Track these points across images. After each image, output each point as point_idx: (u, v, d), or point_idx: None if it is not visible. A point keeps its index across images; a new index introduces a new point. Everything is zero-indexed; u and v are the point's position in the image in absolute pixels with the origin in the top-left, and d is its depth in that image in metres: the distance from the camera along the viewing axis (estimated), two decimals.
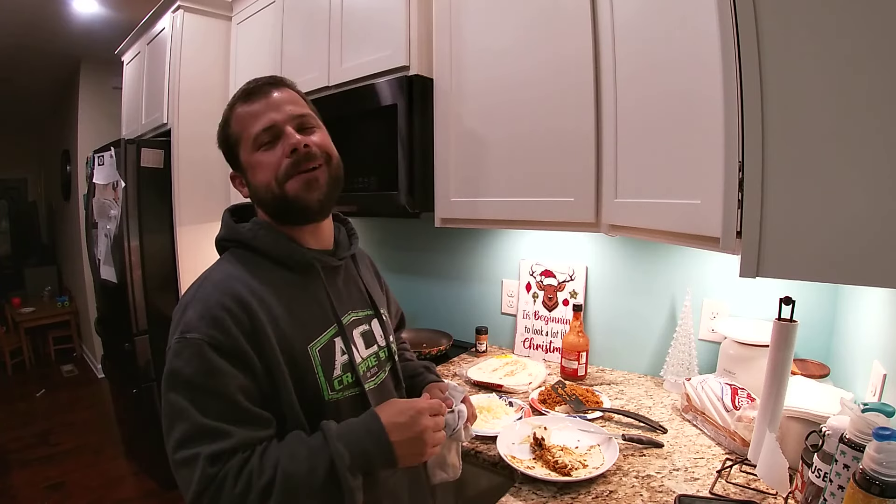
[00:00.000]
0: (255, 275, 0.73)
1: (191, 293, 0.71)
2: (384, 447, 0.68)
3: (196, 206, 2.33)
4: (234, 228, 0.78)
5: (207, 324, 0.65)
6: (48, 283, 5.20)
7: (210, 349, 0.64)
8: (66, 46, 3.51)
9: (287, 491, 0.62)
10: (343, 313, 0.81)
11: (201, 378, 0.64)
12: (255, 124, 0.75)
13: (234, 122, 0.77)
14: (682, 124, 0.89)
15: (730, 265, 1.30)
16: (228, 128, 0.78)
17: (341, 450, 0.65)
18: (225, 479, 0.61)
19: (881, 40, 0.57)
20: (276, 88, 0.78)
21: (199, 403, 0.63)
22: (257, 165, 0.75)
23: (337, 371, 0.76)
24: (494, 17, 1.32)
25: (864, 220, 0.59)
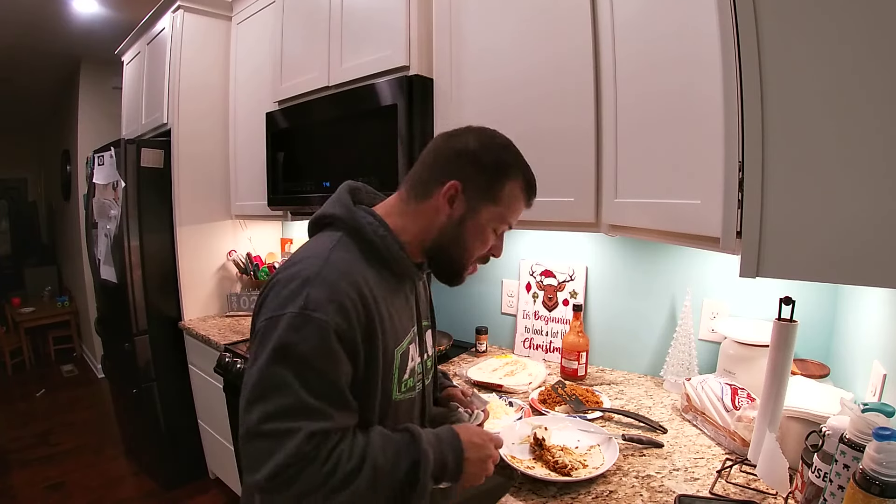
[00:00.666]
0: (367, 269, 0.74)
1: (309, 268, 0.69)
2: (459, 462, 0.74)
3: (196, 206, 2.33)
4: (356, 216, 0.77)
5: (336, 309, 0.66)
6: (48, 283, 5.20)
7: (333, 335, 0.65)
8: (66, 46, 3.51)
9: (370, 479, 0.65)
10: (420, 321, 0.87)
11: (317, 359, 0.64)
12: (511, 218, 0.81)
13: (508, 190, 0.79)
14: (682, 124, 0.89)
15: (730, 265, 1.30)
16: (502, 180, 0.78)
17: (428, 451, 0.69)
18: (316, 457, 0.62)
19: (881, 40, 0.57)
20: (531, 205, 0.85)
21: (307, 381, 0.64)
22: (481, 239, 0.80)
23: (406, 375, 0.81)
24: (494, 17, 1.32)
25: (863, 220, 0.59)
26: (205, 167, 2.34)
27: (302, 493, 0.62)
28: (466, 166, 0.77)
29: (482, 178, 0.77)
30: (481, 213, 0.78)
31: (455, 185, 0.77)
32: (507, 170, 0.79)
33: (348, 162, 1.61)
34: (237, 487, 2.11)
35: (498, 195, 0.78)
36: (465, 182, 0.77)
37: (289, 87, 1.86)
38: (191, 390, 2.38)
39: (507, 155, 0.80)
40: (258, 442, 0.62)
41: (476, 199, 0.78)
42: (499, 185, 0.78)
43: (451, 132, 0.83)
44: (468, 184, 0.77)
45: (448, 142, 0.81)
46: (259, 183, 2.07)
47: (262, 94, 2.06)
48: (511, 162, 0.79)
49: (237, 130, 2.30)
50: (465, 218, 0.78)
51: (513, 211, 0.81)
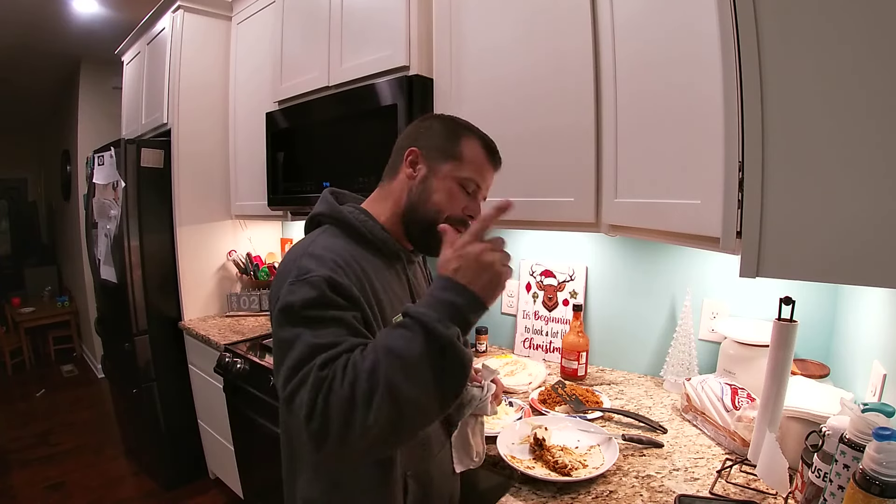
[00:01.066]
0: (352, 251, 0.79)
1: (297, 252, 0.76)
2: (461, 291, 0.65)
3: (196, 206, 2.33)
4: (338, 208, 0.84)
5: (325, 267, 0.71)
6: (48, 283, 5.20)
7: (327, 286, 0.69)
8: (66, 46, 3.51)
9: (391, 364, 0.60)
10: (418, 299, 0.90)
11: (317, 306, 0.67)
12: (475, 173, 0.85)
13: (466, 146, 0.85)
14: (682, 124, 0.89)
15: (730, 265, 1.30)
16: (458, 139, 0.85)
17: (424, 311, 0.63)
18: (334, 377, 0.61)
19: (881, 41, 0.57)
20: (498, 168, 0.91)
21: (313, 327, 0.66)
22: (448, 193, 0.84)
23: None
24: (494, 17, 1.32)
25: (863, 219, 0.59)
26: (205, 167, 2.34)
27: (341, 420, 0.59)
28: (423, 133, 0.87)
29: (438, 139, 0.85)
30: (442, 169, 0.84)
31: (413, 150, 0.85)
32: (461, 130, 0.86)
33: (348, 162, 1.61)
34: (237, 487, 2.11)
35: (456, 152, 0.84)
36: (422, 147, 0.85)
37: (289, 87, 1.86)
38: (191, 390, 2.38)
39: (460, 121, 0.88)
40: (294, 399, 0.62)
41: (436, 158, 0.84)
42: (455, 142, 0.84)
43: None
44: (426, 147, 0.85)
45: (409, 126, 0.91)
46: (259, 183, 2.07)
47: (262, 94, 2.06)
48: (464, 125, 0.87)
49: (237, 130, 2.30)
50: (427, 176, 0.84)
51: (476, 168, 0.85)
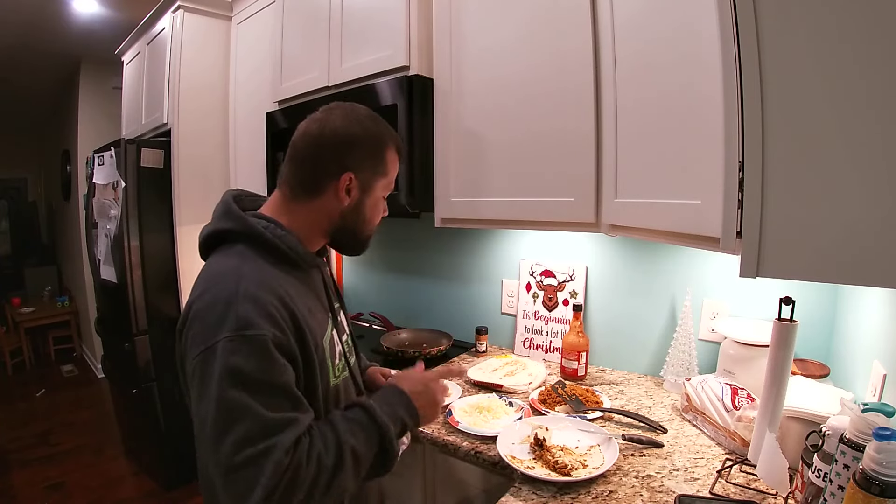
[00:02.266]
0: (277, 274, 0.75)
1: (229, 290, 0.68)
2: (413, 414, 0.82)
3: (196, 206, 2.33)
4: (250, 224, 0.76)
5: (267, 322, 0.66)
6: (48, 283, 5.20)
7: (272, 346, 0.66)
8: (66, 46, 3.51)
9: (352, 463, 0.71)
10: (331, 306, 0.90)
11: (265, 374, 0.65)
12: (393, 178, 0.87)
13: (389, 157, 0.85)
14: (682, 124, 0.89)
15: (730, 265, 1.30)
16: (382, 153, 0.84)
17: (387, 422, 0.76)
18: (299, 466, 0.63)
19: (881, 40, 0.57)
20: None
21: (264, 400, 0.64)
22: (378, 210, 0.87)
23: (337, 359, 0.85)
24: (494, 17, 1.32)
25: (864, 219, 0.59)
26: (205, 167, 2.34)
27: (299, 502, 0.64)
28: (352, 153, 0.81)
29: (369, 160, 0.82)
30: (376, 188, 0.84)
31: (349, 177, 0.80)
32: (383, 140, 0.84)
33: None
34: None
35: (383, 168, 0.84)
36: (355, 170, 0.81)
37: (289, 87, 1.86)
38: None
39: (376, 125, 0.84)
40: (238, 474, 0.61)
41: (368, 179, 0.83)
42: (381, 157, 0.84)
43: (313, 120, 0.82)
44: (359, 170, 0.81)
45: (322, 132, 0.80)
46: (259, 183, 2.07)
47: (262, 94, 2.06)
48: (382, 130, 0.84)
49: (237, 130, 2.30)
50: (362, 199, 0.83)
51: (394, 172, 0.87)
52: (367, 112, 0.84)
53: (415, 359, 1.63)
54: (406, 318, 2.07)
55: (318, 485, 0.65)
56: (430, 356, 1.65)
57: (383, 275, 2.19)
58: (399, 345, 1.75)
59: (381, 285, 2.20)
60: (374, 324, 2.09)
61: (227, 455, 0.61)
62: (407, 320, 2.06)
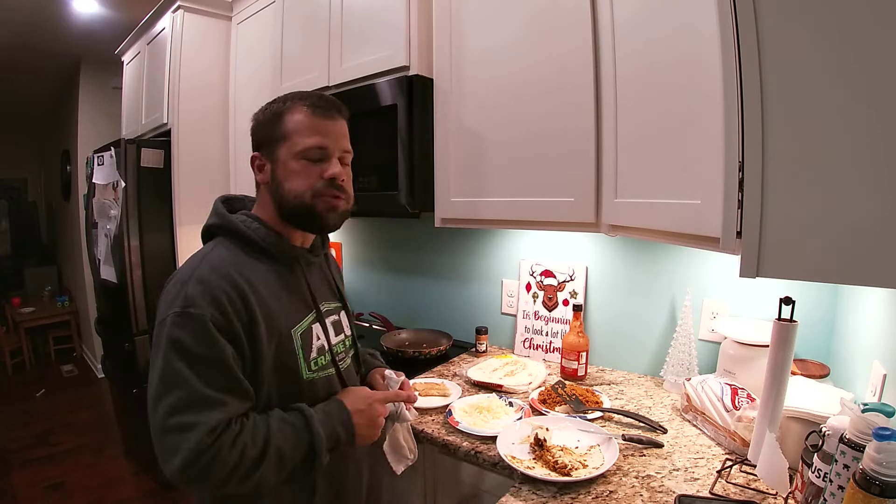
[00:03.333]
0: (246, 263, 0.81)
1: (187, 271, 0.77)
2: (349, 430, 0.83)
3: (196, 206, 2.33)
4: (229, 218, 0.84)
5: (209, 303, 0.73)
6: (48, 283, 5.20)
7: (211, 325, 0.72)
8: (66, 46, 3.51)
9: (275, 462, 0.73)
10: (320, 302, 0.91)
11: (203, 349, 0.71)
12: (311, 138, 0.83)
13: (290, 121, 0.83)
14: (682, 124, 0.89)
15: (730, 265, 1.30)
16: (280, 120, 0.84)
17: (321, 432, 0.77)
18: (220, 449, 0.68)
19: (881, 40, 0.57)
20: (340, 116, 0.87)
21: (200, 373, 0.70)
22: (295, 173, 0.83)
23: (314, 353, 0.87)
24: (494, 17, 1.32)
25: (864, 219, 0.59)
26: (205, 167, 2.34)
27: (215, 483, 0.69)
28: (254, 136, 0.89)
29: (264, 131, 0.86)
30: (279, 156, 0.84)
31: (254, 156, 0.88)
32: (281, 110, 0.85)
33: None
34: None
35: (281, 132, 0.84)
36: (258, 147, 0.87)
37: (289, 87, 1.86)
38: None
39: (277, 102, 0.87)
40: (166, 437, 0.68)
41: (270, 151, 0.85)
42: (277, 124, 0.84)
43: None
44: (261, 146, 0.87)
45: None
46: None
47: (262, 94, 2.05)
48: (283, 100, 0.86)
49: (237, 130, 2.30)
50: (274, 171, 0.85)
51: (308, 132, 0.83)
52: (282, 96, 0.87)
53: (415, 359, 1.64)
54: (406, 318, 2.07)
55: (237, 472, 0.70)
56: (430, 356, 1.65)
57: (383, 275, 2.19)
58: (399, 345, 1.75)
59: (381, 285, 2.20)
60: (374, 324, 2.09)
61: (161, 417, 0.69)
62: (407, 320, 2.06)
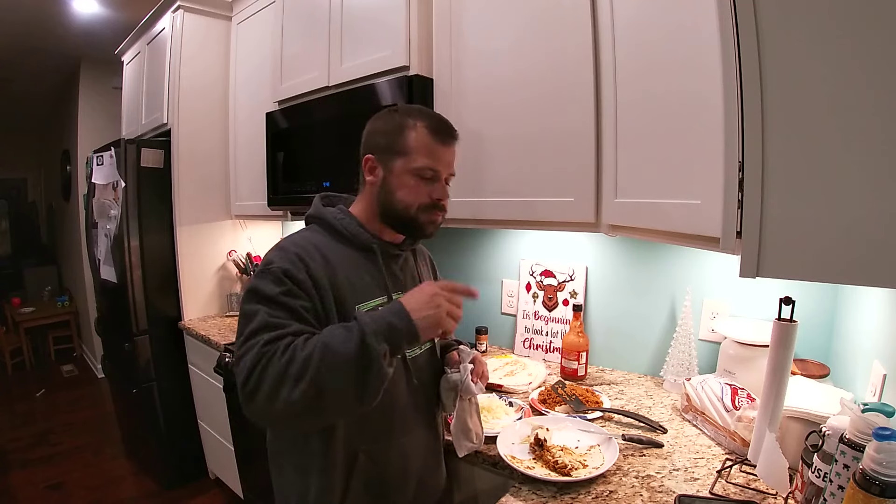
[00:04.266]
0: (326, 244, 0.90)
1: (275, 248, 0.88)
2: (405, 319, 0.76)
3: (196, 206, 2.33)
4: (322, 210, 0.95)
5: (283, 259, 0.83)
6: (48, 283, 5.20)
7: (284, 276, 0.81)
8: (66, 46, 3.51)
9: (323, 358, 0.72)
10: (395, 290, 0.94)
11: (276, 293, 0.79)
12: (427, 159, 0.90)
13: (412, 138, 0.90)
14: (682, 124, 0.89)
15: (730, 265, 1.30)
16: (403, 133, 0.90)
17: (369, 322, 0.75)
18: (274, 353, 0.73)
19: (881, 40, 0.57)
20: (454, 142, 0.94)
21: (271, 309, 0.78)
22: (408, 187, 0.90)
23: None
24: (494, 18, 1.32)
25: (864, 220, 0.59)
26: (205, 167, 2.34)
27: (271, 389, 0.71)
28: (372, 139, 0.94)
29: (384, 139, 0.91)
30: (396, 167, 0.90)
31: (368, 157, 0.93)
32: (404, 121, 0.91)
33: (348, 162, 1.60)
34: (237, 487, 2.11)
35: (402, 146, 0.90)
36: (374, 151, 0.92)
37: (289, 87, 1.86)
38: (191, 390, 2.38)
39: (400, 114, 0.93)
40: (240, 361, 0.75)
41: (388, 160, 0.91)
42: (399, 137, 0.90)
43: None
44: (377, 151, 0.92)
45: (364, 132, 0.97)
46: (259, 183, 2.07)
47: (262, 94, 2.06)
48: (408, 114, 0.92)
49: (237, 130, 2.30)
50: (386, 178, 0.91)
51: (427, 153, 0.90)
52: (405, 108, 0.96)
53: None
54: None
55: (287, 374, 0.71)
56: None
57: None
58: None
59: None
60: None
61: (239, 346, 0.77)
62: None
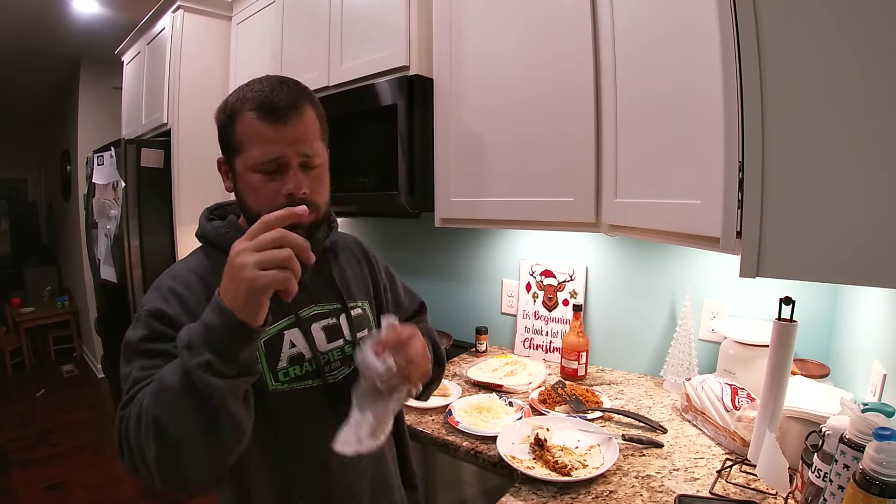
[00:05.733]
0: (213, 268, 0.76)
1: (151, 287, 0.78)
2: (218, 310, 0.57)
3: (196, 206, 2.32)
4: (204, 227, 0.84)
5: (154, 299, 0.73)
6: (48, 283, 5.20)
7: (154, 318, 0.70)
8: (66, 46, 3.51)
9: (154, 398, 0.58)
10: (303, 307, 0.81)
11: (146, 340, 0.69)
12: (263, 150, 0.72)
13: (242, 129, 0.73)
14: (682, 124, 0.89)
15: (730, 265, 1.30)
16: (233, 126, 0.74)
17: (184, 334, 0.59)
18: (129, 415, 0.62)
19: (881, 40, 0.57)
20: (296, 115, 0.73)
21: (143, 360, 0.67)
22: (253, 189, 0.74)
23: (283, 363, 0.77)
24: (494, 17, 1.32)
25: (863, 219, 0.59)
26: (205, 167, 2.32)
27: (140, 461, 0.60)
28: (219, 138, 0.78)
29: (221, 137, 0.77)
30: (237, 168, 0.76)
31: (219, 160, 0.80)
32: (232, 115, 0.74)
33: (348, 162, 1.61)
34: None
35: (235, 142, 0.74)
36: (224, 153, 0.78)
37: None
38: None
39: (230, 101, 0.75)
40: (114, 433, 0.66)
41: (230, 161, 0.77)
42: (231, 131, 0.75)
43: None
44: (224, 152, 0.78)
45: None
46: None
47: None
48: (232, 102, 0.75)
49: None
50: (235, 182, 0.78)
51: (260, 142, 0.72)
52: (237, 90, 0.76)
53: None
54: None
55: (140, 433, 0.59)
56: None
57: None
58: None
59: None
60: None
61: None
62: None
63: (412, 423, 1.21)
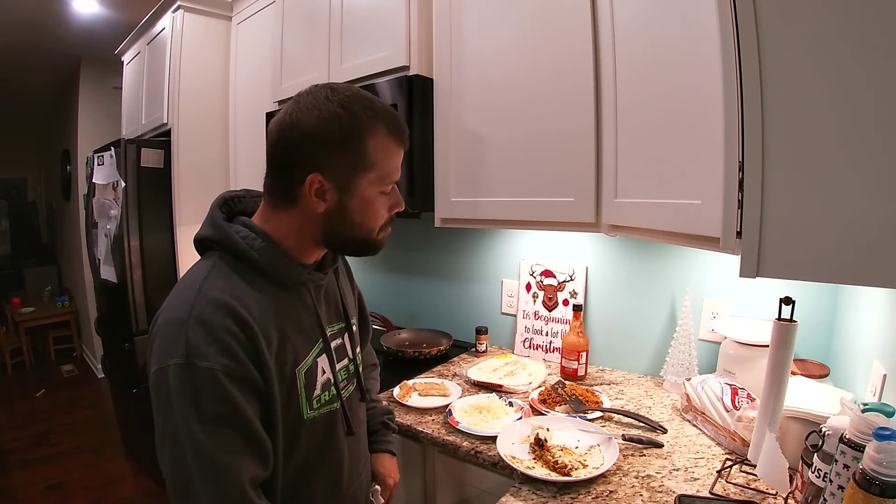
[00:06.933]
0: (248, 291, 0.68)
1: (184, 309, 0.64)
2: None
3: (196, 206, 2.33)
4: (227, 233, 0.71)
5: (217, 350, 0.62)
6: (48, 283, 5.19)
7: (224, 377, 0.62)
8: (66, 46, 3.51)
9: None
10: (329, 325, 0.82)
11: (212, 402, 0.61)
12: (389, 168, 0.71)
13: (373, 145, 0.69)
14: (682, 124, 0.89)
15: (730, 265, 1.30)
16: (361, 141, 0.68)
17: None
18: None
19: (881, 39, 0.57)
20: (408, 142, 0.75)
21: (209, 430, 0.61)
22: (374, 208, 0.72)
23: (317, 391, 0.77)
24: (495, 17, 1.32)
25: (864, 219, 0.59)
26: (205, 167, 2.34)
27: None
28: (316, 152, 0.67)
29: (338, 152, 0.68)
30: (359, 186, 0.70)
31: (315, 178, 0.68)
32: (361, 129, 0.68)
33: None
34: None
35: (365, 159, 0.69)
36: (323, 169, 0.68)
37: (289, 87, 1.86)
38: None
39: (351, 114, 0.68)
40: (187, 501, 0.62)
41: (346, 178, 0.69)
42: (359, 146, 0.68)
43: (278, 118, 0.71)
44: (328, 168, 0.68)
45: (281, 133, 0.69)
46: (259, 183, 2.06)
47: (262, 94, 2.06)
48: (361, 117, 0.68)
49: (237, 130, 2.30)
50: (343, 200, 0.70)
51: (390, 161, 0.71)
52: (341, 96, 0.68)
53: (415, 359, 1.64)
54: (406, 318, 2.07)
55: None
56: (430, 356, 1.65)
57: (383, 275, 2.19)
58: (399, 345, 1.75)
59: (381, 285, 2.20)
60: (374, 324, 2.09)
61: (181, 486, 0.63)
62: (407, 320, 2.06)
63: (412, 423, 1.22)
